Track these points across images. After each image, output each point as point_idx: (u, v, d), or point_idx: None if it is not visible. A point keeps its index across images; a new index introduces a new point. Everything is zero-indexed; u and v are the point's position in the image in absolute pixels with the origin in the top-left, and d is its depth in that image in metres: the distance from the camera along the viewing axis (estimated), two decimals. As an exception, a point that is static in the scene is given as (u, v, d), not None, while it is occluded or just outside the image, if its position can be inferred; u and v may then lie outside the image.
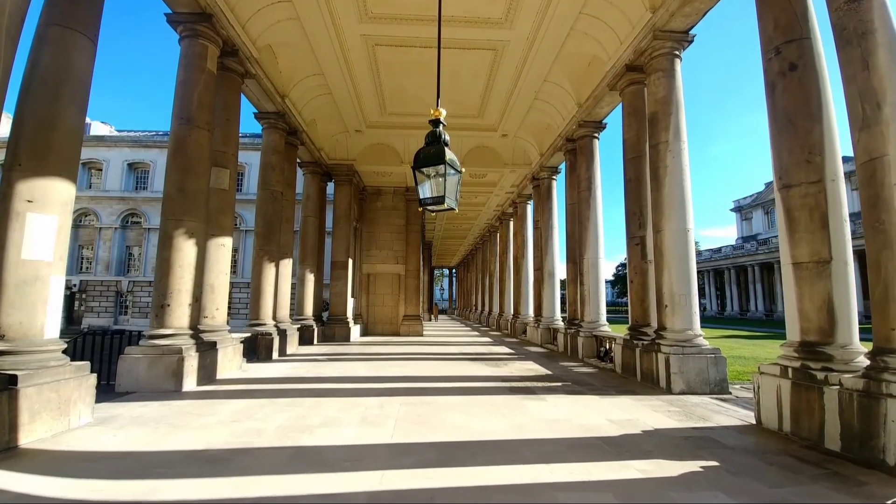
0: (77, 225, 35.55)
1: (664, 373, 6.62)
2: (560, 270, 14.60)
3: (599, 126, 10.94)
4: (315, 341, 13.20)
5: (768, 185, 51.48)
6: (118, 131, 39.21)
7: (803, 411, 4.58)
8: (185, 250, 6.59)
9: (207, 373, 6.76)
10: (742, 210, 56.57)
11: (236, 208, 35.45)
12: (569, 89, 10.86)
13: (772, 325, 34.17)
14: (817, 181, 4.92)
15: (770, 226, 50.31)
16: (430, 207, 4.39)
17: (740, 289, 51.10)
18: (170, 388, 6.12)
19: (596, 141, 11.04)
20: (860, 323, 5.11)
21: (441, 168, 4.27)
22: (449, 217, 26.23)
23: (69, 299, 35.43)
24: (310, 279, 13.79)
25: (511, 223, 20.52)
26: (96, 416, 4.91)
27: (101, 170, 36.25)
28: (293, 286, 14.94)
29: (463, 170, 4.54)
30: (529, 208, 18.13)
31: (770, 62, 5.43)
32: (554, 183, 14.65)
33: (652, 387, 6.85)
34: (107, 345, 7.41)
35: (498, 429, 4.49)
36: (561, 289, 15.78)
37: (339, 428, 4.44)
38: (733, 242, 55.69)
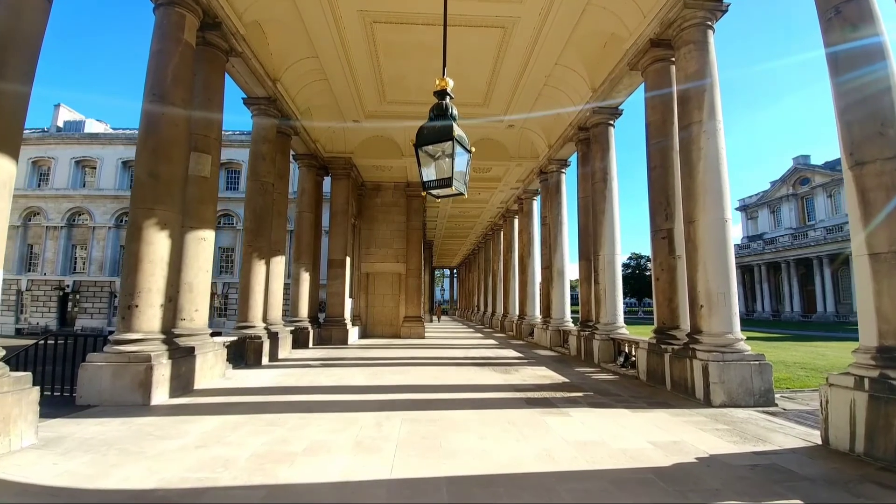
0: (71, 224, 34.81)
1: (701, 382, 5.81)
2: (570, 269, 13.82)
3: (615, 112, 10.15)
4: (310, 344, 12.40)
5: (774, 183, 50.70)
6: (113, 129, 38.41)
7: (880, 428, 3.86)
8: (157, 243, 5.78)
9: (183, 382, 5.96)
10: (747, 209, 55.73)
11: (232, 206, 34.35)
12: (582, 73, 10.07)
13: (780, 325, 33.38)
14: (893, 157, 4.19)
15: (776, 225, 49.48)
16: (434, 192, 3.71)
17: (746, 289, 50.27)
18: (137, 402, 5.32)
19: (611, 129, 10.26)
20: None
21: (448, 146, 3.61)
22: (450, 215, 25.43)
23: (62, 300, 34.65)
24: (305, 278, 12.98)
25: (516, 220, 19.74)
26: (44, 435, 4.17)
27: (95, 168, 35.48)
28: (287, 286, 14.19)
29: (473, 149, 3.83)
30: (536, 204, 17.37)
31: (830, 23, 4.75)
32: (563, 176, 13.85)
33: (686, 398, 6.05)
34: (78, 349, 6.61)
35: (521, 456, 3.68)
36: (570, 289, 14.96)
37: (327, 456, 3.64)
38: (738, 242, 54.82)
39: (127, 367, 5.37)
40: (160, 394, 5.50)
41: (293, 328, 11.77)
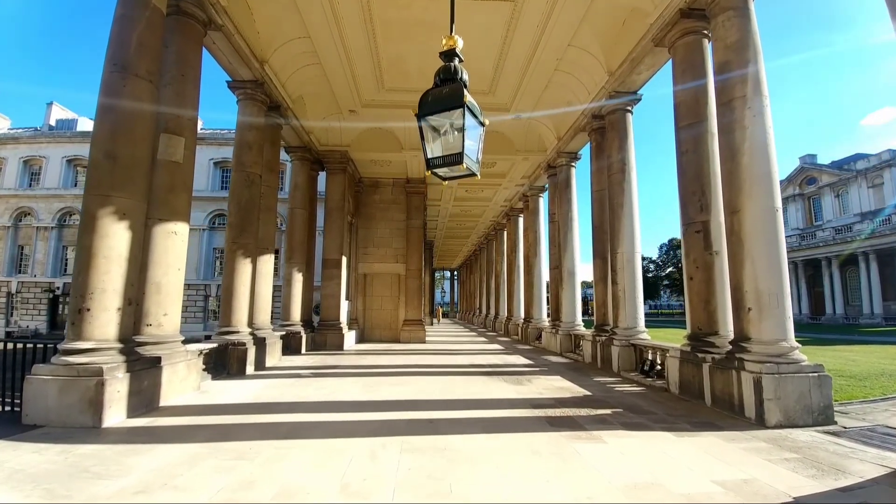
0: (61, 225, 33.93)
1: (753, 399, 4.96)
2: (581, 269, 12.98)
3: (634, 98, 9.33)
4: (303, 350, 11.54)
5: (780, 183, 49.87)
6: (106, 128, 37.54)
7: None
8: (114, 236, 4.94)
9: (145, 399, 5.10)
10: (752, 210, 54.91)
11: (227, 206, 33.69)
12: (598, 55, 9.24)
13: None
14: None
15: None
16: (440, 171, 2.99)
17: (752, 291, 49.36)
18: (87, 423, 4.48)
19: (629, 115, 9.44)
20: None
21: (458, 116, 2.89)
22: (452, 214, 24.55)
23: (53, 302, 33.74)
24: (297, 280, 12.14)
25: (521, 219, 18.93)
26: (-30, 465, 3.34)
27: (87, 167, 34.64)
28: (277, 288, 13.30)
29: (487, 122, 3.05)
30: (542, 201, 16.58)
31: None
32: (573, 171, 13.01)
33: (733, 416, 5.19)
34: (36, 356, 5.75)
35: (557, 506, 2.83)
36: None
37: (302, 507, 2.79)
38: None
39: (75, 382, 4.53)
40: (115, 413, 4.64)
41: (284, 333, 10.93)
